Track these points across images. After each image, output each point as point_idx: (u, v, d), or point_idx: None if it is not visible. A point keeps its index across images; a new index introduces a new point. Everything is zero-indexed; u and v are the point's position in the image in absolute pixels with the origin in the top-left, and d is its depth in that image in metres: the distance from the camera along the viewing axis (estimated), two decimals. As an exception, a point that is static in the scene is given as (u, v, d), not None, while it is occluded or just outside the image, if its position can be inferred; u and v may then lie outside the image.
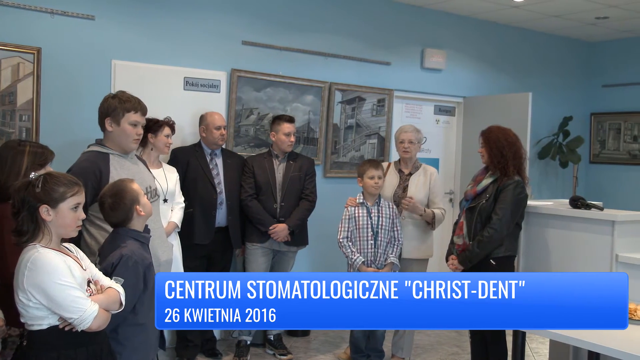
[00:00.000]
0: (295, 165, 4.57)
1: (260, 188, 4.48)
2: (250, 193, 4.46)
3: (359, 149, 5.68)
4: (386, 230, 4.13)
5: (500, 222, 3.60)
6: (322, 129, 5.43)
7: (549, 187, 7.18)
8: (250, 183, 4.47)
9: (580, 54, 7.42)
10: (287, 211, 4.50)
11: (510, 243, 3.70)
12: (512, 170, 3.65)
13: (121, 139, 3.04)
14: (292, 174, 4.54)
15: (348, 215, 4.14)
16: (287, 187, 4.51)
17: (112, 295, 2.38)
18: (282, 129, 4.51)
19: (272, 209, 4.48)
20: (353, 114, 5.62)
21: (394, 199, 4.35)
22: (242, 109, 4.98)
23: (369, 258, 4.09)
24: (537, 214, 3.94)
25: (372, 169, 4.12)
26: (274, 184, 4.50)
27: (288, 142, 4.52)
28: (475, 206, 3.71)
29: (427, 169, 4.46)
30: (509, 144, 3.68)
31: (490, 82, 6.59)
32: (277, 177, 4.52)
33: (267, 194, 4.48)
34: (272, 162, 4.54)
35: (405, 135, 4.39)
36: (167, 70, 4.63)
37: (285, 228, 4.44)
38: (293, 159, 4.60)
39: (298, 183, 4.55)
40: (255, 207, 4.44)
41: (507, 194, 3.62)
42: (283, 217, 4.48)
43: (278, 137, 4.53)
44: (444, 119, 6.52)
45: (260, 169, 4.49)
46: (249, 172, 4.49)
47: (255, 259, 4.48)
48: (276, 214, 4.48)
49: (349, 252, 4.08)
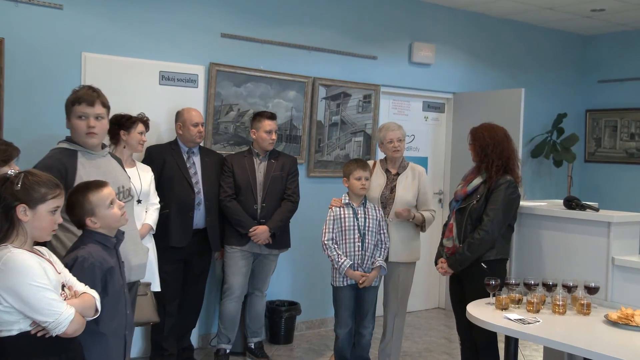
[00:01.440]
0: (277, 164, 4.57)
1: (240, 188, 4.47)
2: (229, 193, 4.45)
3: (344, 147, 5.69)
4: (373, 232, 4.13)
5: (491, 223, 3.60)
6: (305, 126, 5.42)
7: (543, 187, 7.18)
8: (229, 183, 4.46)
9: (575, 48, 7.45)
10: (268, 212, 4.50)
11: (502, 246, 3.70)
12: (496, 171, 3.65)
13: (75, 135, 3.04)
14: (274, 173, 4.53)
15: (333, 216, 4.13)
16: (269, 187, 4.51)
17: (87, 301, 2.34)
18: (263, 126, 4.51)
19: (252, 210, 4.47)
20: (338, 110, 5.61)
21: (380, 200, 4.34)
22: (221, 105, 4.95)
23: (355, 261, 4.08)
24: (530, 215, 3.94)
25: (360, 169, 4.12)
26: (255, 184, 4.49)
27: (269, 140, 4.52)
28: (466, 207, 3.72)
29: (415, 168, 4.46)
30: (495, 142, 3.68)
31: (481, 78, 6.60)
32: (257, 177, 4.51)
33: (247, 195, 4.47)
34: (252, 161, 4.54)
35: (393, 134, 4.38)
36: (142, 64, 4.59)
37: (266, 230, 4.44)
38: (275, 158, 4.59)
39: (280, 183, 4.55)
40: (234, 208, 4.43)
41: (498, 194, 3.63)
42: (264, 219, 4.48)
43: (259, 134, 4.52)
44: (433, 116, 6.51)
45: (240, 168, 4.49)
46: (228, 171, 4.48)
47: (235, 262, 4.48)
48: (257, 215, 4.48)
49: (335, 255, 4.07)
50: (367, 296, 4.18)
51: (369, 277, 4.10)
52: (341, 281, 4.12)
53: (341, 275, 4.10)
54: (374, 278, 4.13)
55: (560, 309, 3.26)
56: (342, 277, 4.10)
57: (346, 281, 4.11)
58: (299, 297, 5.43)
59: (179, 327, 4.48)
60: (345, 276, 4.08)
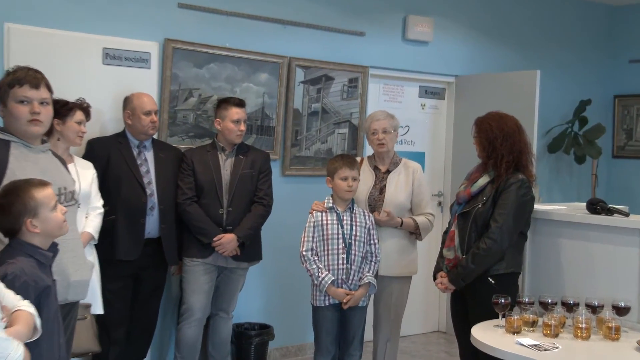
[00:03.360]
0: (247, 160, 4.58)
1: (203, 189, 4.49)
2: (189, 195, 4.46)
3: (325, 140, 5.68)
4: (361, 242, 4.16)
5: (500, 230, 3.63)
6: (279, 116, 5.41)
7: (562, 187, 7.20)
8: (189, 183, 4.48)
9: (601, 22, 7.45)
10: (236, 218, 4.51)
11: (513, 257, 3.73)
12: (506, 168, 3.69)
13: (12, 123, 3.02)
14: (243, 171, 4.55)
15: (313, 223, 4.16)
16: (236, 187, 4.52)
17: (28, 323, 2.30)
18: (229, 115, 4.51)
19: (217, 215, 4.49)
20: (318, 97, 5.60)
21: (368, 202, 4.38)
22: (179, 89, 4.94)
23: (339, 276, 4.10)
24: (546, 221, 3.96)
25: (346, 168, 4.14)
26: (220, 184, 4.51)
27: (237, 131, 4.53)
28: (470, 211, 3.74)
29: (408, 165, 4.49)
30: (505, 135, 3.72)
31: (488, 58, 6.59)
32: (223, 176, 4.53)
33: (211, 197, 4.49)
34: (217, 157, 4.56)
35: (377, 124, 4.41)
36: (81, 39, 4.55)
37: (233, 239, 4.46)
38: (244, 153, 4.61)
39: (250, 183, 4.57)
40: (195, 213, 4.45)
41: (508, 196, 3.66)
42: (231, 226, 4.49)
43: (224, 125, 4.53)
44: (431, 103, 6.50)
45: (202, 166, 4.50)
46: (188, 169, 4.50)
47: (196, 278, 4.49)
48: (222, 221, 4.50)
49: (315, 269, 4.09)
50: (353, 318, 4.18)
51: (355, 295, 4.10)
52: (322, 300, 4.13)
53: (322, 293, 4.11)
54: (360, 297, 4.13)
55: (583, 333, 3.25)
56: (323, 295, 4.12)
57: (328, 300, 4.12)
58: (272, 319, 5.39)
59: (126, 358, 4.44)
60: (328, 294, 4.10)
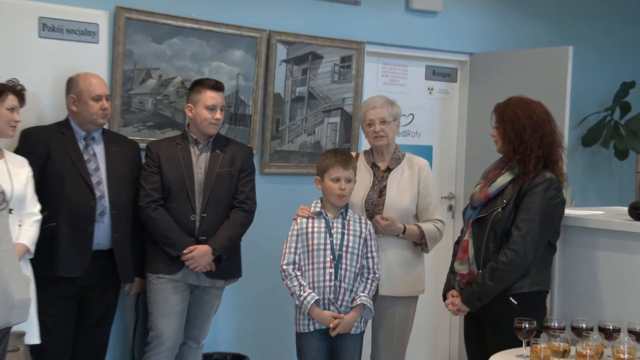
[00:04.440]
0: (225, 156, 4.59)
1: (171, 190, 4.47)
2: (154, 198, 4.45)
3: (313, 131, 5.71)
4: (354, 255, 4.17)
5: (524, 240, 3.65)
6: (257, 102, 5.42)
7: (599, 188, 7.22)
8: (154, 182, 4.47)
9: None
10: (212, 226, 4.51)
11: (540, 272, 3.76)
12: (535, 164, 3.74)
13: None
14: (220, 169, 4.54)
15: (297, 231, 4.18)
16: (212, 189, 4.51)
17: None
18: (202, 100, 4.50)
19: (188, 222, 4.48)
20: (304, 79, 5.63)
21: (365, 206, 4.39)
22: (134, 69, 4.92)
23: (326, 296, 4.10)
24: (579, 229, 4.02)
25: (339, 167, 4.16)
26: (192, 185, 4.50)
27: (211, 119, 4.51)
28: (487, 217, 3.77)
29: (413, 161, 4.50)
30: (534, 124, 3.76)
31: (509, 32, 6.59)
32: (196, 174, 4.52)
33: (181, 200, 4.47)
34: (188, 151, 4.55)
35: (373, 112, 4.43)
36: (11, 6, 4.52)
37: (207, 252, 4.43)
38: (221, 147, 4.61)
39: (228, 184, 4.58)
40: (161, 220, 4.44)
41: (534, 198, 3.68)
42: (204, 236, 4.48)
43: (197, 111, 4.52)
44: (441, 87, 6.53)
45: (171, 161, 4.49)
46: (153, 165, 4.49)
47: (165, 298, 4.47)
48: (194, 230, 4.49)
49: (296, 287, 4.11)
50: (344, 348, 4.18)
51: (345, 320, 4.09)
52: (307, 325, 4.13)
53: (306, 317, 4.12)
54: (352, 322, 4.13)
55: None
56: (307, 319, 4.12)
57: (313, 325, 4.13)
58: (248, 348, 5.38)
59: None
60: (312, 318, 4.12)
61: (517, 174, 3.77)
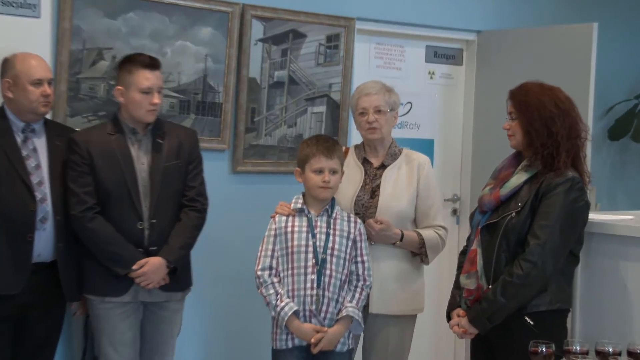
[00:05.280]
0: (169, 145, 4.52)
1: (109, 194, 4.38)
2: (89, 204, 4.34)
3: (294, 122, 5.69)
4: (341, 259, 4.14)
5: (542, 250, 3.62)
6: (228, 88, 5.39)
7: (628, 189, 7.27)
8: (86, 185, 4.37)
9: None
10: (163, 233, 4.44)
11: (560, 287, 3.75)
12: (565, 159, 3.71)
13: None
14: (167, 163, 4.47)
15: (275, 231, 4.17)
16: (160, 187, 4.44)
17: None
18: (135, 81, 4.39)
19: (134, 231, 4.40)
20: (284, 61, 5.60)
21: (355, 209, 4.38)
22: (83, 49, 4.86)
23: (306, 306, 4.08)
24: (606, 236, 4.01)
25: (321, 155, 4.13)
26: (135, 185, 4.42)
27: (147, 105, 4.40)
28: (499, 222, 3.75)
29: (412, 157, 4.50)
30: (562, 113, 3.74)
31: (523, 6, 6.58)
32: (139, 171, 4.44)
33: (124, 205, 4.39)
34: (125, 144, 4.46)
35: (367, 100, 4.41)
36: None
37: (161, 265, 4.37)
38: (161, 135, 4.54)
39: (177, 179, 4.52)
40: (102, 232, 4.35)
41: (554, 201, 3.66)
42: (156, 245, 4.40)
43: (129, 96, 4.41)
44: (444, 71, 6.55)
45: (106, 157, 4.40)
46: (83, 163, 4.38)
47: (112, 326, 4.42)
48: (143, 240, 4.40)
49: (272, 295, 4.08)
50: None
51: (329, 334, 4.07)
52: (284, 341, 4.11)
53: (284, 331, 4.09)
54: (337, 337, 4.10)
55: (658, 397, 3.30)
56: (285, 333, 4.10)
57: (292, 341, 4.11)
58: None
59: None
60: (291, 332, 4.11)
61: (535, 172, 3.74)
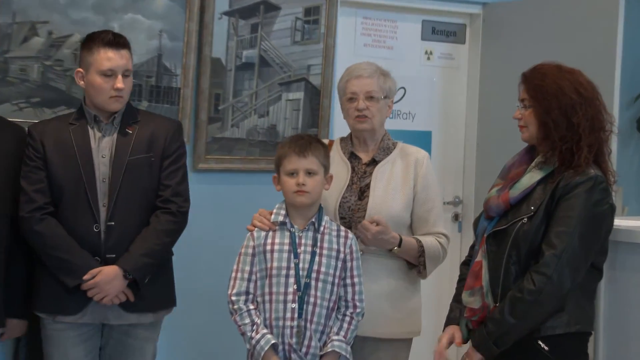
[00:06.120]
0: (140, 136, 4.47)
1: (63, 191, 4.33)
2: (39, 204, 4.32)
3: (266, 111, 5.68)
4: (328, 283, 4.09)
5: (558, 261, 3.56)
6: (187, 70, 5.38)
7: None
8: (38, 182, 4.35)
9: None
10: (124, 238, 4.37)
11: (580, 306, 3.69)
12: (587, 155, 3.65)
13: None
14: (133, 156, 4.40)
15: (252, 249, 4.11)
16: (123, 185, 4.37)
17: None
18: (96, 62, 4.33)
19: (89, 235, 4.33)
20: (254, 39, 5.60)
21: (340, 212, 4.35)
22: (13, 23, 4.88)
23: (286, 339, 4.03)
24: (634, 245, 4.04)
25: (294, 155, 4.10)
26: (92, 181, 4.34)
27: (109, 90, 4.34)
28: (508, 229, 3.70)
29: (408, 152, 4.49)
30: (585, 101, 3.69)
31: None
32: (98, 166, 4.37)
33: (79, 204, 4.33)
34: (86, 135, 4.41)
35: (357, 83, 4.39)
36: None
37: (116, 275, 4.27)
38: (132, 125, 4.49)
39: (147, 176, 4.44)
40: (51, 235, 4.30)
41: (573, 204, 3.60)
42: (114, 252, 4.33)
43: (90, 79, 4.34)
44: (443, 50, 6.61)
45: (61, 150, 4.36)
46: (36, 157, 4.36)
47: (63, 350, 4.37)
48: (99, 245, 4.33)
49: (247, 326, 4.03)
50: None
51: None
52: None
53: None
54: None
55: None
56: None
57: None
58: None
59: None
60: None
61: (551, 170, 3.66)
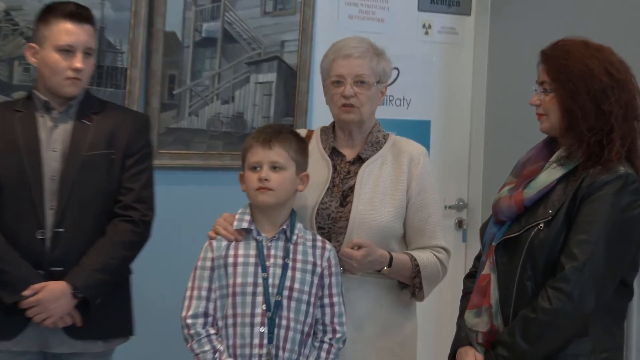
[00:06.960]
0: (100, 129, 4.41)
1: (2, 190, 4.30)
2: None
3: (231, 96, 5.67)
4: (302, 302, 4.01)
5: (580, 275, 3.50)
6: (135, 47, 5.33)
7: None
8: None
9: None
10: (73, 248, 4.30)
11: (606, 330, 3.64)
12: (619, 149, 3.59)
13: None
14: (90, 152, 4.33)
15: (211, 262, 4.00)
16: (75, 184, 4.29)
17: None
18: (53, 37, 4.26)
19: (32, 243, 4.27)
20: (216, 8, 5.60)
21: (317, 221, 4.23)
22: None
23: None
24: None
25: (258, 146, 4.04)
26: (38, 179, 4.29)
27: (66, 70, 4.26)
28: (522, 237, 3.66)
29: (401, 148, 4.39)
30: (617, 84, 3.61)
31: None
32: (46, 160, 4.30)
33: (21, 206, 4.31)
34: (34, 123, 4.36)
35: (346, 64, 4.28)
36: None
37: (63, 293, 4.19)
38: (90, 116, 4.43)
39: (104, 176, 4.38)
40: None
41: (599, 207, 3.52)
42: (61, 265, 4.25)
43: (44, 56, 4.28)
44: (445, 23, 6.68)
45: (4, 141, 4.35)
46: None
47: None
48: (43, 255, 4.25)
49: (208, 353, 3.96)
50: None
51: None
52: None
53: None
54: None
55: None
56: None
57: None
58: None
59: None
60: None
61: (574, 166, 3.57)
